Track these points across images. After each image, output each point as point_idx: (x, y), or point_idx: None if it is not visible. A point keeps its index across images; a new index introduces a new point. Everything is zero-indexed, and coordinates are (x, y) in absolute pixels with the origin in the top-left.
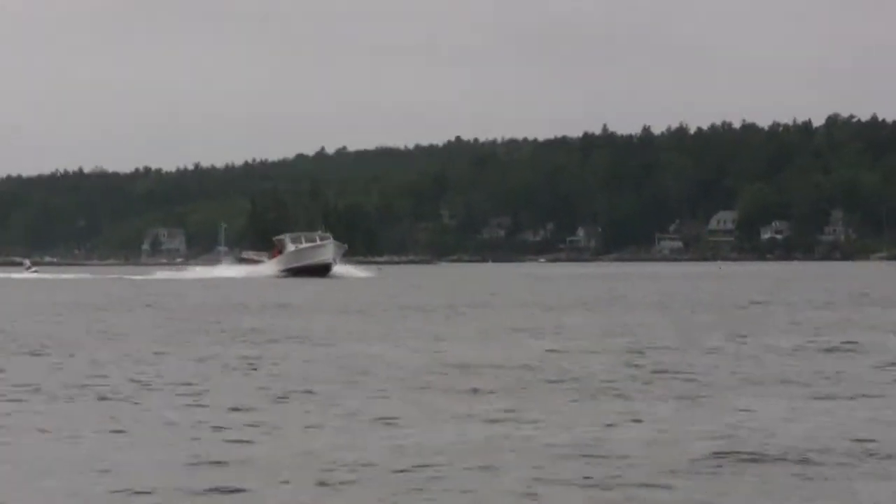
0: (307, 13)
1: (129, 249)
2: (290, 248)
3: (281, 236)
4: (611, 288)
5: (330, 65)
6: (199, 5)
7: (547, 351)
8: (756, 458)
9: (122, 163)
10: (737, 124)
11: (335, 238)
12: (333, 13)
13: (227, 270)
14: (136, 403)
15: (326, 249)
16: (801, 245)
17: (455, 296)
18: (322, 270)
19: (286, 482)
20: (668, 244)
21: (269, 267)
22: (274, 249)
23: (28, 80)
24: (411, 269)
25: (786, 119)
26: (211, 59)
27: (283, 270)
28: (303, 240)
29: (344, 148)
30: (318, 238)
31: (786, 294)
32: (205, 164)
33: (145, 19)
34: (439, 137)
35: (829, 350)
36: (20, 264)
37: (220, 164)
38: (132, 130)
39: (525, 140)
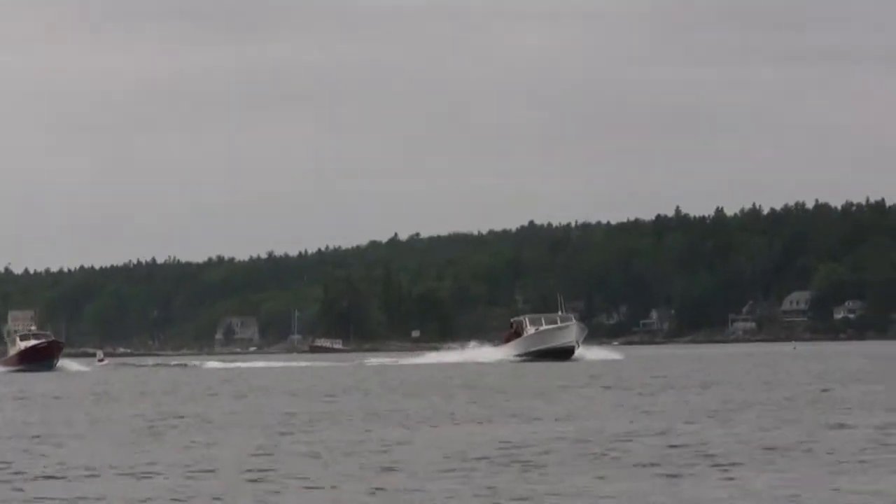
0: (378, 92)
1: (203, 339)
2: (530, 330)
3: (519, 318)
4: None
5: (400, 150)
6: (269, 86)
7: None
8: None
9: (195, 252)
10: (810, 204)
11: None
12: (404, 97)
13: (466, 354)
14: None
15: (569, 331)
16: (876, 324)
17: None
18: (565, 354)
19: None
20: (741, 325)
21: (505, 351)
22: (508, 332)
23: (98, 168)
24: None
25: (859, 198)
26: (281, 140)
27: (522, 354)
28: (543, 321)
29: (417, 234)
30: (558, 319)
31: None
32: (278, 252)
33: (216, 101)
34: (513, 222)
35: None
36: (93, 355)
37: (292, 251)
38: (204, 218)
39: (598, 223)
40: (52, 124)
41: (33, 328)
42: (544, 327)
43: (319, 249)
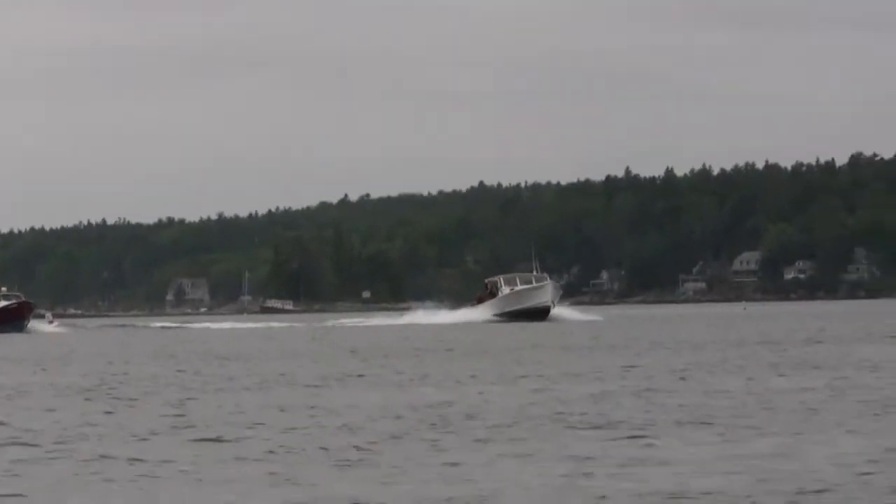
0: (326, 59)
1: (153, 300)
2: (505, 290)
3: (493, 278)
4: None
5: (352, 111)
6: (219, 52)
7: None
8: None
9: (146, 214)
10: (760, 164)
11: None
12: (355, 60)
13: (441, 316)
14: None
15: (545, 291)
16: (825, 284)
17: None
18: (541, 314)
19: None
20: (691, 286)
21: (480, 311)
22: (481, 292)
23: (50, 131)
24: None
25: (809, 159)
26: (231, 105)
27: (498, 315)
28: (518, 281)
29: (367, 195)
30: (533, 279)
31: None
32: (228, 213)
33: (165, 68)
34: (463, 183)
35: None
36: (42, 317)
37: (243, 213)
38: (155, 180)
39: (549, 184)
40: (3, 89)
41: (3, 289)
42: (519, 287)
43: (270, 211)
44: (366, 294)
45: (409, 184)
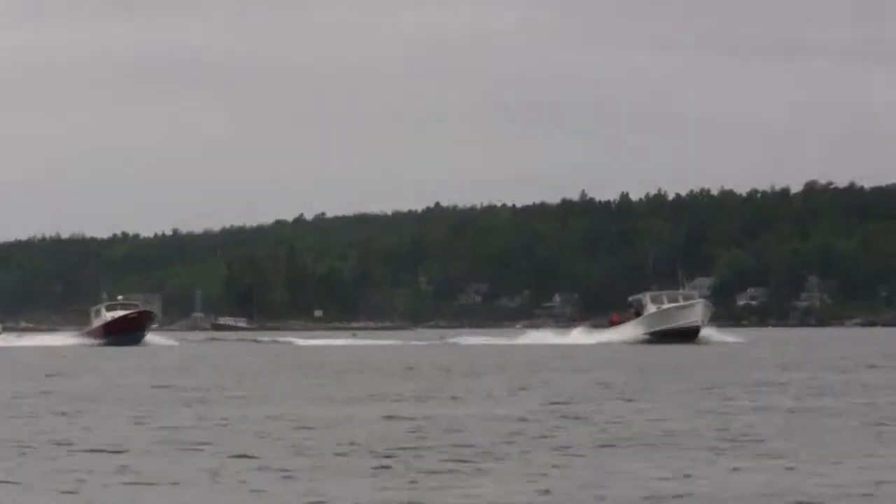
0: (275, 78)
1: None
2: (651, 308)
3: (639, 295)
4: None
5: (308, 131)
6: (180, 67)
7: None
8: None
9: (100, 228)
10: (715, 190)
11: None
12: (312, 80)
13: (580, 337)
14: None
15: (695, 310)
16: (777, 311)
17: None
18: (690, 335)
19: None
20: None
21: (625, 331)
22: (622, 313)
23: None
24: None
25: (763, 185)
26: (189, 123)
27: (645, 334)
28: (665, 299)
29: (322, 214)
30: (681, 297)
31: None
32: (183, 229)
33: (124, 81)
34: (418, 204)
35: None
36: None
37: (198, 229)
38: (110, 195)
39: (504, 206)
40: None
41: (121, 297)
42: (667, 305)
43: (224, 227)
44: (318, 313)
45: (364, 203)
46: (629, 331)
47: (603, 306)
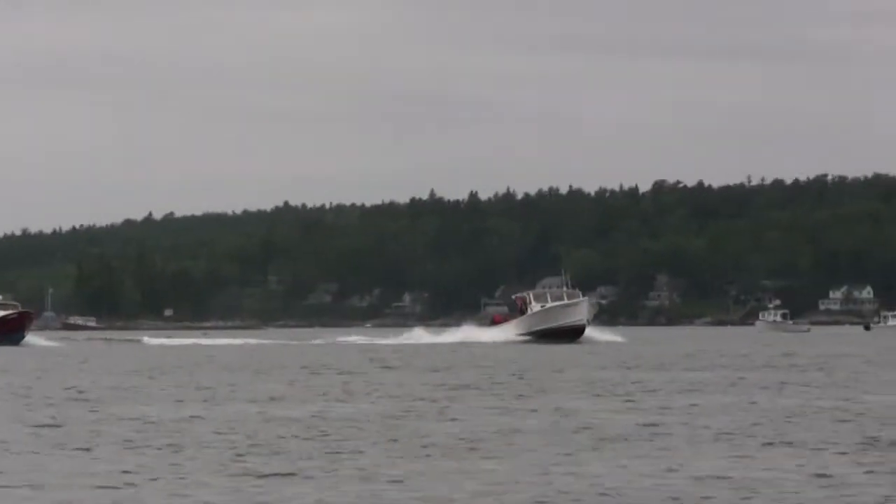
0: (133, 78)
1: None
2: (535, 307)
3: (523, 293)
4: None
5: (158, 130)
6: (30, 67)
7: None
8: None
9: None
10: (563, 190)
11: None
12: (160, 79)
13: (468, 333)
14: None
15: (579, 309)
16: (627, 310)
17: None
18: (574, 334)
19: None
20: (493, 309)
21: (507, 330)
22: (496, 314)
23: None
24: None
25: (612, 185)
26: (35, 122)
27: (526, 334)
28: (548, 297)
29: (171, 213)
30: (565, 295)
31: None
32: (32, 229)
33: None
34: (267, 203)
35: None
36: None
37: (47, 229)
38: None
39: (353, 205)
40: None
41: None
42: (550, 304)
43: (74, 227)
44: (168, 312)
45: (213, 203)
46: (512, 330)
47: (454, 305)
